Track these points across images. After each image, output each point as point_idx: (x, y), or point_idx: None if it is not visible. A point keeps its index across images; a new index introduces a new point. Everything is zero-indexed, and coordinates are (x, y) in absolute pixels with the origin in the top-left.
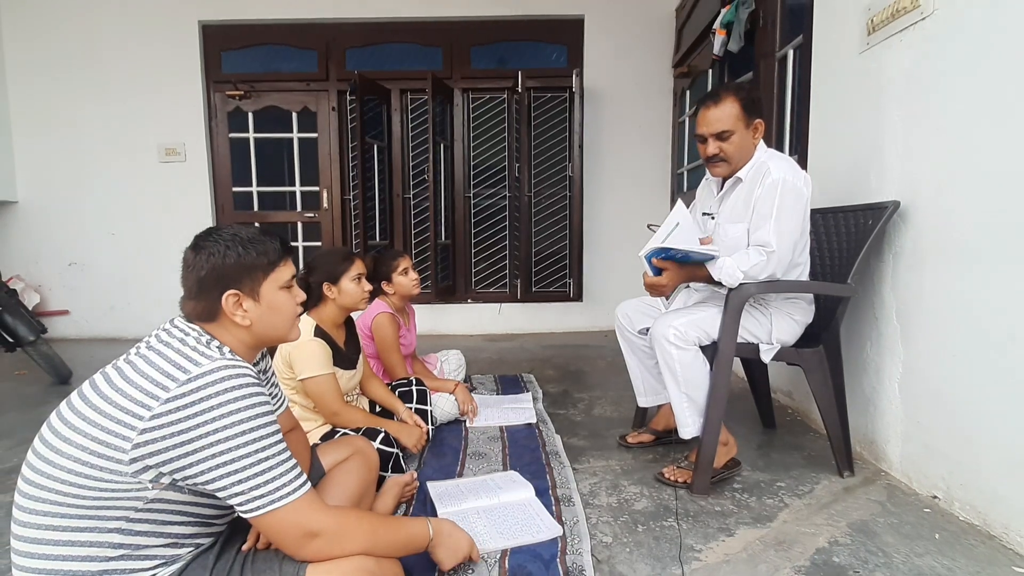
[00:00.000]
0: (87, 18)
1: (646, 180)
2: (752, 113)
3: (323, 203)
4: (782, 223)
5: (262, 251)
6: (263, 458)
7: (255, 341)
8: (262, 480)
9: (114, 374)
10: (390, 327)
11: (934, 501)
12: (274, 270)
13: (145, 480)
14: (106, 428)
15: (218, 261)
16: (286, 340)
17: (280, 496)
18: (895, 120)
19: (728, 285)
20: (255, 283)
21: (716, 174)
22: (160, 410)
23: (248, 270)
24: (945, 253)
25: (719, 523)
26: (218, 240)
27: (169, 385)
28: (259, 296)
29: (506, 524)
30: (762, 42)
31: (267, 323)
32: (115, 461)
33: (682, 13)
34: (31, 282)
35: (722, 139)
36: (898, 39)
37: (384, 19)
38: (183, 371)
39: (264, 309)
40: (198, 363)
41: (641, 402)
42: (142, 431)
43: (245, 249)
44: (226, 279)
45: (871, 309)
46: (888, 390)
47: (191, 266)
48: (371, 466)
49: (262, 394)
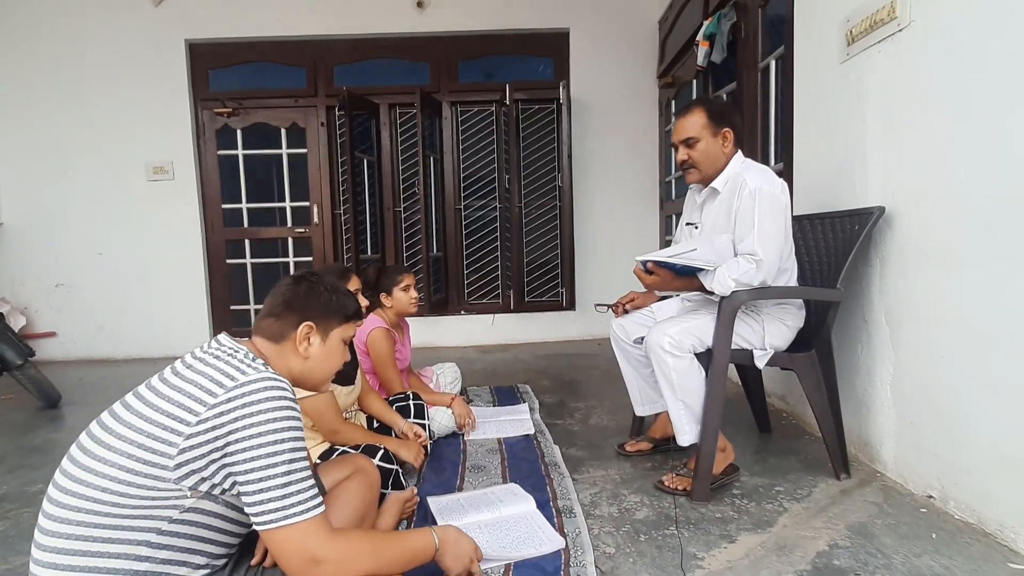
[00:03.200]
0: (73, 38)
1: (634, 188)
2: (719, 122)
3: (314, 218)
4: (765, 231)
5: (347, 305)
6: (288, 471)
7: (298, 376)
8: (283, 493)
9: (159, 385)
10: (386, 342)
11: (929, 501)
12: (347, 323)
13: (186, 487)
14: (153, 435)
15: (312, 295)
16: (317, 389)
17: (293, 513)
18: (876, 128)
19: (721, 295)
20: (329, 326)
21: (689, 180)
22: (207, 415)
23: (331, 312)
24: (929, 256)
25: (720, 530)
26: (320, 282)
27: (217, 392)
28: (327, 337)
29: (508, 538)
30: (744, 53)
31: (319, 365)
32: (161, 467)
33: (665, 25)
34: (17, 304)
35: (689, 145)
36: (876, 50)
37: (371, 35)
38: (231, 379)
39: (325, 350)
40: (245, 372)
41: (638, 411)
42: (189, 436)
43: (338, 298)
44: (311, 311)
45: (860, 313)
46: (880, 392)
47: (286, 292)
48: (372, 484)
49: (297, 410)
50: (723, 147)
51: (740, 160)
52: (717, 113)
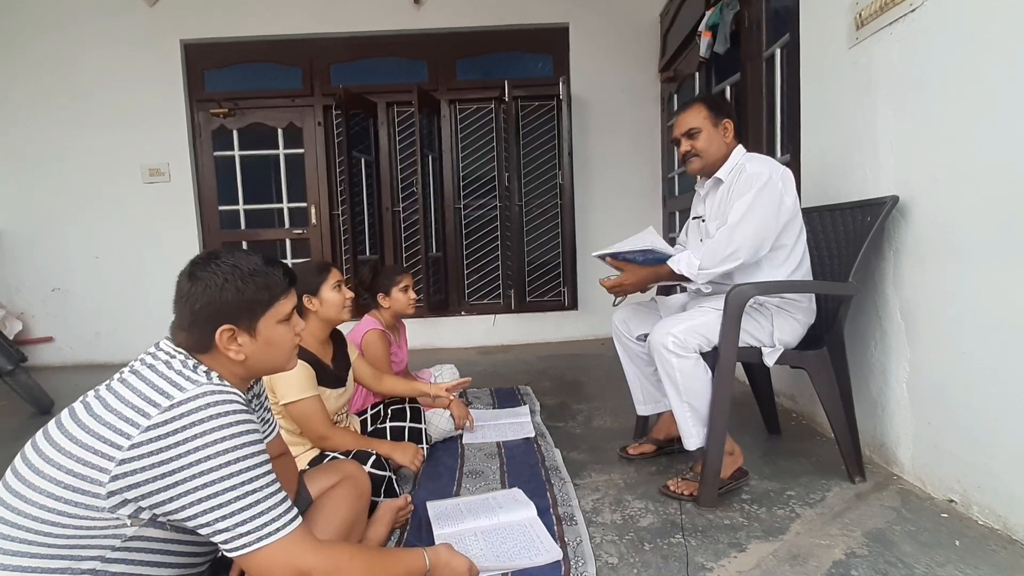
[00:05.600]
0: (67, 39)
1: (636, 184)
2: (719, 113)
3: (311, 219)
4: (746, 207)
5: (263, 285)
6: (250, 491)
7: (248, 374)
8: (249, 515)
9: (94, 402)
10: (381, 344)
11: (951, 505)
12: (274, 305)
13: (123, 516)
14: (83, 460)
15: (215, 295)
16: (283, 371)
17: (268, 533)
18: (888, 114)
19: (690, 276)
20: (253, 319)
21: (691, 169)
22: (140, 438)
23: (247, 306)
24: (947, 248)
25: (729, 538)
26: (216, 271)
27: (150, 412)
28: (256, 332)
29: (504, 547)
30: (748, 43)
31: (263, 358)
32: (92, 495)
33: (666, 18)
34: (13, 310)
35: (692, 136)
36: (888, 32)
37: (368, 33)
38: (166, 397)
39: (261, 344)
40: (182, 388)
41: (640, 411)
42: (121, 461)
43: (244, 283)
44: (222, 315)
45: (874, 308)
46: (896, 391)
47: (185, 296)
48: (362, 492)
49: (250, 422)
50: (724, 137)
51: (742, 152)
52: (716, 105)
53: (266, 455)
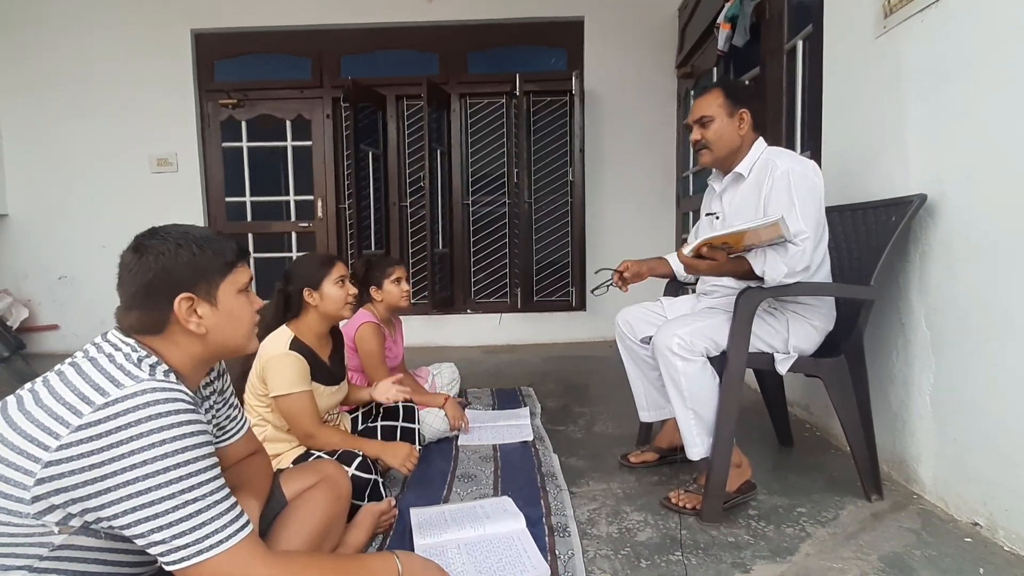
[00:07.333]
0: (78, 29)
1: (650, 184)
2: (736, 102)
3: (318, 212)
4: (805, 210)
5: (217, 250)
6: (189, 499)
7: (208, 354)
8: (188, 525)
9: (28, 397)
10: (375, 338)
11: (975, 529)
12: (232, 271)
13: (50, 523)
14: (7, 460)
15: (169, 262)
16: (244, 352)
17: (210, 545)
18: (917, 107)
19: (771, 280)
20: (212, 286)
21: (702, 163)
22: (70, 439)
23: (204, 271)
24: (979, 251)
25: (733, 557)
26: (166, 239)
27: (83, 410)
28: (216, 300)
29: (489, 561)
30: (768, 36)
31: (225, 331)
32: (15, 500)
33: (685, 12)
34: (20, 297)
35: (703, 125)
36: (918, 20)
37: (379, 25)
38: (101, 393)
39: (222, 315)
40: (120, 384)
41: (643, 417)
42: (47, 464)
43: (200, 248)
44: (178, 282)
45: (897, 315)
46: (918, 404)
47: (133, 270)
48: (340, 494)
49: (196, 422)
50: (738, 129)
51: (763, 145)
52: (734, 93)
53: (212, 459)
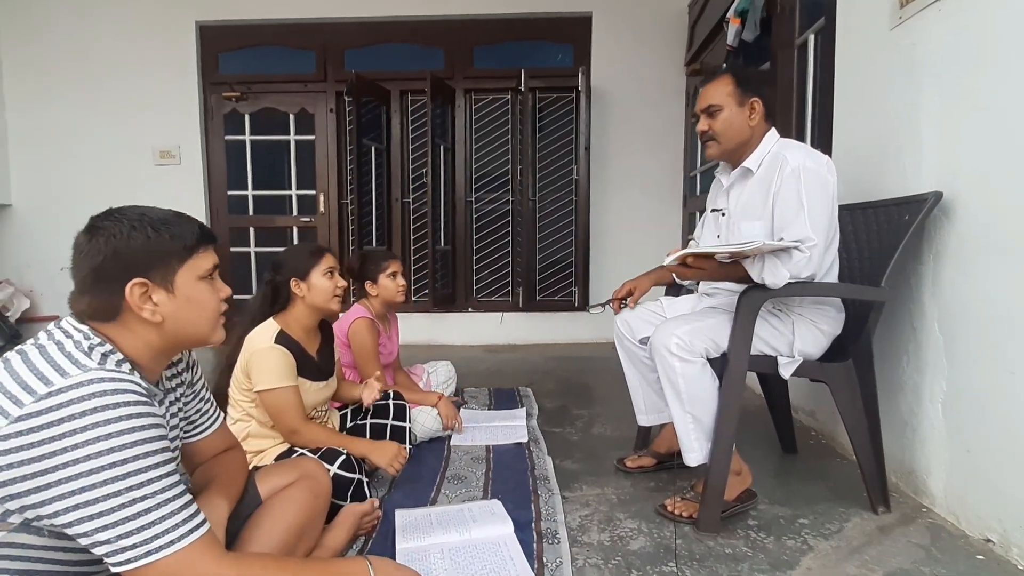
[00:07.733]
0: (83, 19)
1: (656, 183)
2: (747, 90)
3: (320, 207)
4: (815, 214)
5: (176, 234)
6: (138, 496)
7: (167, 344)
8: (136, 525)
9: None
10: (368, 334)
11: (987, 546)
12: (191, 257)
13: None
14: None
15: (120, 245)
16: (208, 342)
17: (159, 546)
18: (933, 101)
19: (772, 286)
20: (168, 271)
21: (709, 155)
22: (9, 430)
23: (159, 256)
24: (997, 253)
25: (729, 569)
26: (120, 220)
27: (24, 399)
28: (173, 287)
29: (472, 567)
30: (779, 30)
31: (183, 320)
32: None
33: (695, 8)
34: (22, 287)
35: (711, 115)
36: (935, 9)
37: (384, 18)
38: (44, 382)
39: (180, 302)
40: (65, 373)
41: (641, 420)
42: None
43: (156, 231)
44: (130, 266)
45: (908, 318)
46: (929, 412)
47: (85, 252)
48: (319, 494)
49: (147, 415)
50: (749, 119)
51: (775, 137)
52: (745, 81)
53: (164, 455)
